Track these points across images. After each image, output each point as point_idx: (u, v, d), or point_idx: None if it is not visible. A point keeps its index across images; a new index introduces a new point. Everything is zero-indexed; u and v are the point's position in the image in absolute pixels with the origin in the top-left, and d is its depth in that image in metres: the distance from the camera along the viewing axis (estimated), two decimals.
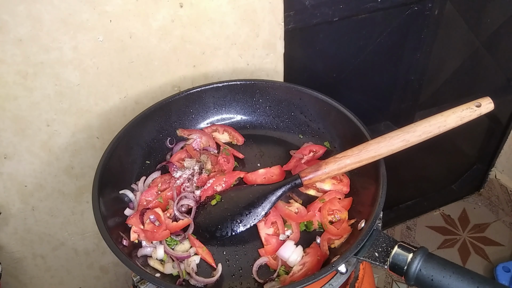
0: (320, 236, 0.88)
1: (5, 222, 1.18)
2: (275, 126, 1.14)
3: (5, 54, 0.93)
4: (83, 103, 1.08)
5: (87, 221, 1.29)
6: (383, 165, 0.86)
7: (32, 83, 0.99)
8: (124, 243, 0.85)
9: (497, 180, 2.15)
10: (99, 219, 0.80)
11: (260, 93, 1.12)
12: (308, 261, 0.82)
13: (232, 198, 0.93)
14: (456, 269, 0.69)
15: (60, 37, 0.96)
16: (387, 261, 0.73)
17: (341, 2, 1.24)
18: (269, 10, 1.14)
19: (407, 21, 1.41)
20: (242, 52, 1.19)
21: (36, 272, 1.32)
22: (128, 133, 0.98)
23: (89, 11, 0.95)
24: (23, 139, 1.07)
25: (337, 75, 1.45)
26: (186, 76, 1.16)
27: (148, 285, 0.77)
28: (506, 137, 2.00)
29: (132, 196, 0.95)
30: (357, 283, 0.92)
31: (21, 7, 0.89)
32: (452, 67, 1.66)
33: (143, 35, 1.04)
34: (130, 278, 1.20)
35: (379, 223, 0.83)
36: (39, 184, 1.16)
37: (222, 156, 1.03)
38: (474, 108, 0.82)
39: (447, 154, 2.01)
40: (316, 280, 0.70)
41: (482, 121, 1.89)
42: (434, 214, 2.19)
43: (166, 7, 1.02)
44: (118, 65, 1.06)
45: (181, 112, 1.10)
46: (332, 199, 0.93)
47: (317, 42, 1.32)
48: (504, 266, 1.80)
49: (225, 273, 0.84)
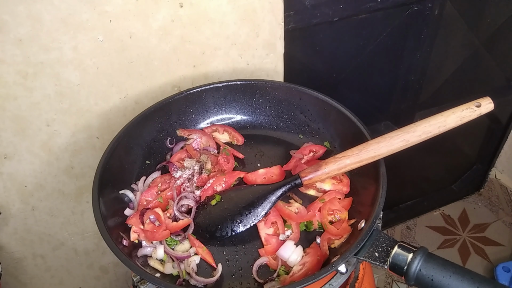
0: (320, 236, 0.88)
1: (5, 222, 1.18)
2: (275, 126, 1.14)
3: (5, 54, 0.93)
4: (83, 103, 1.08)
5: (87, 221, 1.29)
6: (383, 165, 0.86)
7: (32, 83, 0.99)
8: (124, 243, 0.85)
9: (497, 180, 2.15)
10: (99, 219, 0.80)
11: (260, 93, 1.12)
12: (308, 261, 0.82)
13: (232, 198, 0.93)
14: (456, 269, 0.69)
15: (60, 37, 0.96)
16: (387, 261, 0.73)
17: (341, 2, 1.24)
18: (269, 10, 1.14)
19: (407, 21, 1.41)
20: (242, 52, 1.19)
21: (36, 272, 1.32)
22: (128, 133, 0.98)
23: (89, 11, 0.95)
24: (23, 139, 1.07)
25: (337, 75, 1.44)
26: (186, 76, 1.16)
27: (148, 285, 0.77)
28: (506, 137, 2.00)
29: (132, 196, 0.95)
30: (357, 283, 0.92)
31: (21, 7, 0.89)
32: (452, 67, 1.66)
33: (143, 35, 1.04)
34: (130, 278, 1.20)
35: (379, 223, 0.83)
36: (39, 184, 1.16)
37: (222, 156, 1.03)
38: (474, 108, 0.82)
39: (447, 154, 2.01)
40: (316, 280, 0.70)
41: (482, 121, 1.89)
42: (434, 214, 2.19)
43: (166, 7, 1.02)
44: (118, 65, 1.06)
45: (181, 112, 1.10)
46: (332, 199, 0.93)
47: (317, 42, 1.32)
48: (504, 266, 1.80)
49: (225, 273, 0.84)
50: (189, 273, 0.83)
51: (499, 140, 2.02)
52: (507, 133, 1.98)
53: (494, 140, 2.03)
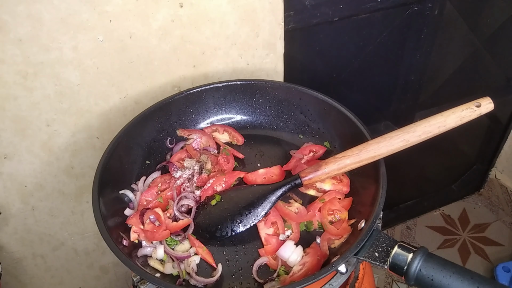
0: (320, 236, 0.88)
1: (5, 222, 1.18)
2: (275, 126, 1.14)
3: (5, 54, 0.93)
4: (83, 103, 1.08)
5: (87, 221, 1.29)
6: (383, 165, 0.86)
7: (32, 83, 0.99)
8: (124, 243, 0.85)
9: (497, 180, 2.15)
10: (99, 219, 0.80)
11: (260, 93, 1.12)
12: (308, 261, 0.82)
13: (232, 198, 0.93)
14: (456, 269, 0.69)
15: (60, 37, 0.96)
16: (387, 261, 0.73)
17: (341, 2, 1.24)
18: (269, 10, 1.14)
19: (407, 21, 1.41)
20: (242, 52, 1.19)
21: (36, 272, 1.32)
22: (128, 133, 0.98)
23: (89, 11, 0.95)
24: (23, 139, 1.07)
25: (337, 75, 1.44)
26: (186, 76, 1.16)
27: (148, 285, 0.77)
28: (506, 137, 2.00)
29: (132, 196, 0.95)
30: (357, 283, 0.92)
31: (21, 7, 0.89)
32: (452, 67, 1.66)
33: (143, 35, 1.04)
34: (130, 278, 1.20)
35: (379, 223, 0.83)
36: (39, 184, 1.16)
37: (222, 156, 1.03)
38: (474, 108, 0.82)
39: (447, 154, 2.01)
40: (316, 280, 0.70)
41: (482, 121, 1.89)
42: (434, 214, 2.19)
43: (166, 7, 1.02)
44: (118, 65, 1.06)
45: (181, 112, 1.10)
46: (332, 199, 0.93)
47: (317, 42, 1.32)
48: (504, 266, 1.80)
49: (225, 273, 0.84)
50: (189, 273, 0.83)
51: (499, 140, 2.02)
52: (507, 133, 1.98)
53: (494, 140, 2.03)
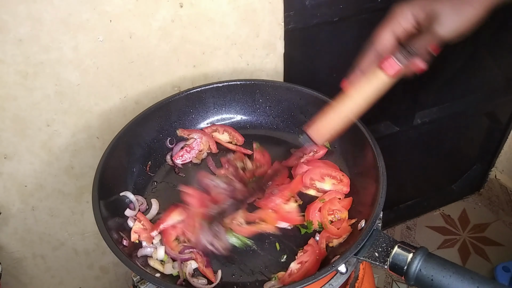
0: (320, 234, 0.88)
1: (5, 222, 1.18)
2: (275, 126, 1.14)
3: (5, 54, 0.93)
4: (83, 103, 1.08)
5: (87, 221, 1.29)
6: (383, 165, 0.86)
7: (32, 83, 0.99)
8: (124, 243, 0.85)
9: (497, 180, 2.15)
10: (99, 219, 0.80)
11: (260, 93, 1.12)
12: (307, 260, 0.82)
13: None
14: (456, 269, 0.69)
15: (60, 37, 0.96)
16: (387, 261, 0.73)
17: (341, 2, 1.24)
18: (269, 10, 1.13)
19: None
20: (242, 52, 1.19)
21: (36, 272, 1.33)
22: (128, 133, 0.98)
23: (89, 11, 0.95)
24: (23, 139, 1.07)
25: (337, 75, 1.44)
26: (186, 76, 1.16)
27: (148, 285, 0.77)
28: (506, 137, 2.00)
29: (133, 197, 0.95)
30: (357, 283, 0.92)
31: (21, 7, 0.89)
32: (452, 67, 1.66)
33: (143, 35, 1.04)
34: (130, 278, 1.20)
35: (379, 223, 0.83)
36: (39, 184, 1.16)
37: (257, 152, 1.03)
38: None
39: (447, 154, 2.00)
40: (316, 280, 0.70)
41: (482, 121, 1.89)
42: (434, 214, 2.19)
43: (166, 7, 1.02)
44: (118, 65, 1.06)
45: (181, 112, 1.10)
46: (332, 199, 0.93)
47: (317, 42, 1.32)
48: (504, 266, 1.80)
49: (225, 273, 0.84)
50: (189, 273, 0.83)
51: (499, 140, 2.02)
52: (507, 133, 1.98)
53: (494, 140, 2.03)
